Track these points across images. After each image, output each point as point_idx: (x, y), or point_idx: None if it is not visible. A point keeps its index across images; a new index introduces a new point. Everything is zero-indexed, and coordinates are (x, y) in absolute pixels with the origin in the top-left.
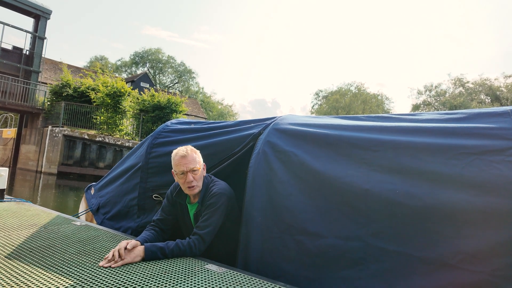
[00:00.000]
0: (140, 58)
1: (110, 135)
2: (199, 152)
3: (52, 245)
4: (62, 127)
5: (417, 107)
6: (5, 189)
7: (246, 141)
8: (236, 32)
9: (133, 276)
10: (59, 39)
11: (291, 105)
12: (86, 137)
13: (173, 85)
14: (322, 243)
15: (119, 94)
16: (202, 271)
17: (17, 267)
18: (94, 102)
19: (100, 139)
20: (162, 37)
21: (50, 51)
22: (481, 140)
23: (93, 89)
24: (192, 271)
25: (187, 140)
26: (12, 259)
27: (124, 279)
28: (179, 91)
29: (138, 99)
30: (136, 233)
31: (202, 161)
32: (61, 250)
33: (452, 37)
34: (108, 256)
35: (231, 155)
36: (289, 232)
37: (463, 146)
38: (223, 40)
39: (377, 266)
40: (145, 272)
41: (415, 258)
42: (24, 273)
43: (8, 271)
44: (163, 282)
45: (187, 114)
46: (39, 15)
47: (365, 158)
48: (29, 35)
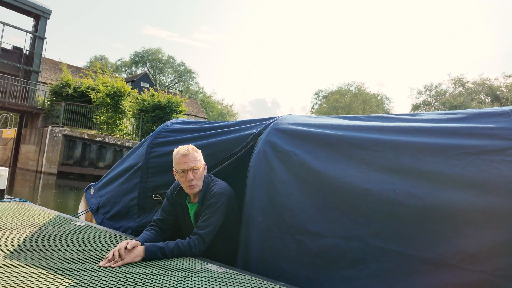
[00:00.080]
0: (140, 58)
1: (110, 135)
2: (200, 152)
3: (52, 245)
4: (62, 127)
5: (417, 107)
6: (5, 189)
7: (246, 141)
8: (236, 32)
9: (133, 276)
10: (59, 39)
11: (291, 105)
12: (86, 137)
13: (173, 85)
14: (322, 243)
15: (119, 94)
16: (202, 271)
17: (17, 267)
18: (94, 102)
19: (100, 139)
20: (162, 37)
21: (50, 51)
22: (481, 140)
23: (93, 89)
24: (192, 271)
25: (187, 140)
26: (12, 259)
27: (124, 279)
28: (179, 91)
29: (138, 99)
30: (136, 233)
31: (203, 160)
32: (61, 250)
33: (452, 37)
34: (108, 256)
35: (231, 155)
36: (289, 232)
37: (463, 146)
38: (223, 40)
39: (377, 266)
40: (145, 272)
41: (415, 258)
42: (24, 273)
43: (8, 271)
44: (163, 282)
45: (187, 114)
46: (39, 15)
47: (365, 158)
48: (29, 35)
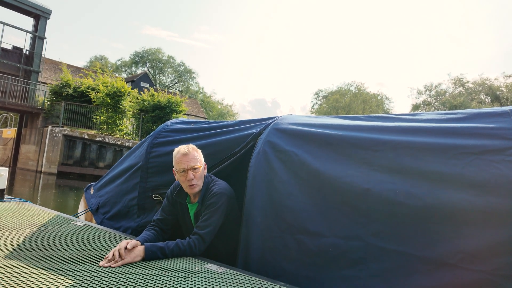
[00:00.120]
0: (140, 58)
1: (110, 135)
2: (200, 151)
3: (52, 245)
4: (62, 127)
5: (417, 107)
6: (5, 189)
7: (246, 140)
8: (236, 32)
9: (133, 276)
10: (59, 39)
11: (291, 105)
12: (86, 137)
13: (173, 85)
14: (322, 243)
15: (119, 94)
16: (202, 270)
17: (17, 267)
18: (94, 102)
19: (100, 139)
20: (162, 37)
21: (50, 51)
22: (481, 140)
23: (93, 89)
24: (192, 271)
25: (187, 139)
26: (12, 259)
27: (124, 279)
28: (179, 91)
29: (138, 99)
30: (136, 233)
31: (203, 160)
32: (61, 250)
33: (452, 37)
34: (108, 256)
35: (231, 155)
36: (289, 231)
37: (463, 146)
38: (223, 40)
39: (377, 266)
40: (145, 272)
41: (415, 258)
42: (24, 273)
43: (8, 271)
44: (163, 282)
45: (187, 114)
46: (39, 15)
47: (365, 158)
48: (29, 35)
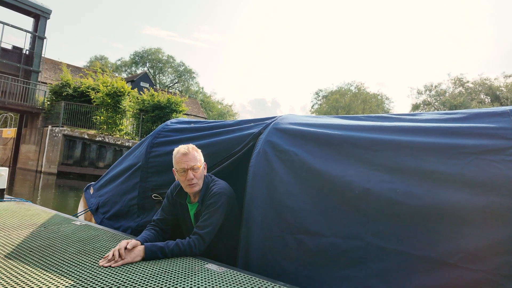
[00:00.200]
0: (140, 58)
1: (110, 134)
2: (200, 151)
3: (52, 244)
4: (62, 126)
5: (417, 106)
6: (5, 188)
7: (246, 140)
8: (236, 32)
9: (133, 276)
10: (59, 39)
11: (291, 105)
12: (86, 136)
13: (173, 85)
14: (322, 242)
15: (119, 94)
16: (202, 270)
17: (17, 267)
18: (94, 102)
19: (100, 138)
20: (162, 37)
21: (50, 51)
22: (481, 140)
23: (93, 88)
24: (192, 271)
25: (187, 139)
26: (12, 259)
27: (124, 278)
28: (179, 91)
29: (138, 99)
30: (136, 232)
31: (203, 159)
32: (61, 249)
33: (452, 37)
34: (108, 256)
35: (231, 154)
36: (289, 231)
37: (463, 145)
38: (223, 40)
39: (377, 265)
40: (145, 272)
41: (415, 257)
42: (24, 272)
43: (8, 271)
44: (163, 282)
45: (187, 114)
46: (39, 14)
47: (365, 157)
48: (29, 35)
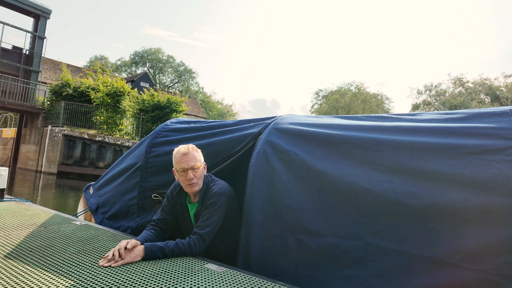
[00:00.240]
0: (140, 58)
1: (110, 134)
2: (200, 151)
3: (52, 244)
4: (62, 126)
5: (417, 106)
6: (5, 188)
7: (246, 140)
8: (236, 32)
9: (133, 276)
10: (59, 39)
11: (291, 105)
12: (86, 136)
13: (173, 84)
14: (322, 242)
15: (119, 94)
16: (202, 270)
17: (17, 267)
18: (94, 101)
19: (100, 138)
20: (162, 37)
21: (50, 51)
22: (481, 140)
23: (93, 88)
24: (192, 271)
25: (187, 139)
26: (12, 259)
27: (124, 278)
28: (179, 91)
29: (138, 99)
30: (135, 232)
31: (203, 159)
32: (61, 249)
33: (452, 37)
34: (108, 256)
35: (231, 154)
36: (289, 231)
37: (463, 145)
38: (223, 40)
39: (377, 265)
40: (145, 272)
41: (415, 257)
42: (24, 272)
43: (8, 271)
44: (163, 282)
45: (187, 114)
46: (39, 14)
47: (365, 157)
48: (29, 35)
